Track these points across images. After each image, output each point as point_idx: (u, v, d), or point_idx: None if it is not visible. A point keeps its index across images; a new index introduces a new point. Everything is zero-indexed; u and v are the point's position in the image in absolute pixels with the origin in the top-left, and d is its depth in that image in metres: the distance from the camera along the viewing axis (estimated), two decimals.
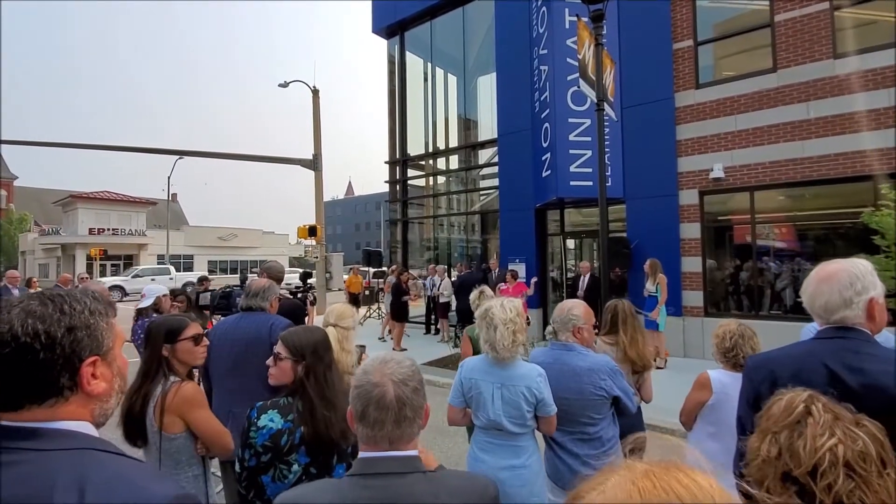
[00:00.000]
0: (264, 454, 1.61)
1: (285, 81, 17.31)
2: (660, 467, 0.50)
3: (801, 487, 0.83)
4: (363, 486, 1.02)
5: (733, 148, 8.23)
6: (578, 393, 2.32)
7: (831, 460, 0.81)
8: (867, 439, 0.83)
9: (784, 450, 0.86)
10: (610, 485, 0.50)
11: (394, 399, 1.06)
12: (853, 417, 0.88)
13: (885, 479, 0.81)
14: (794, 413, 0.89)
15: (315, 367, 1.69)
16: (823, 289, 1.42)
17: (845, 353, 1.35)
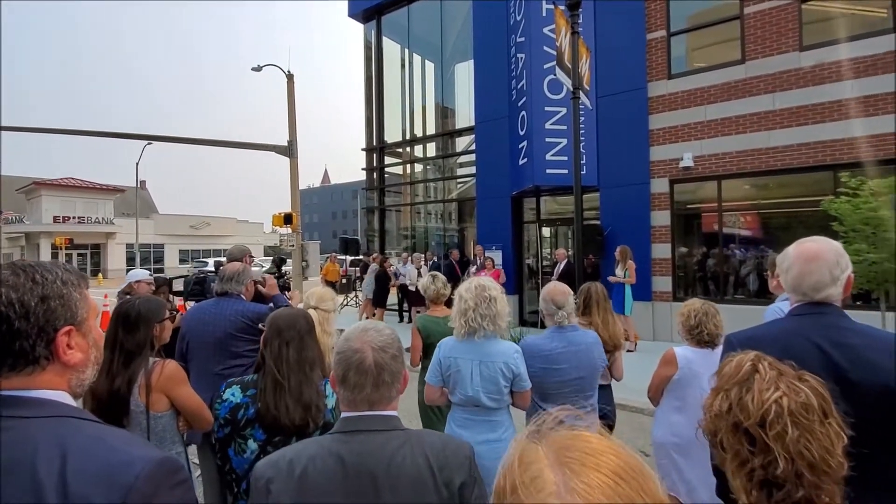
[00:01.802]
0: (225, 426, 1.68)
1: (258, 65, 16.89)
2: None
3: (752, 439, 0.91)
4: (344, 441, 1.09)
5: (703, 137, 8.46)
6: (591, 368, 2.54)
7: (777, 411, 0.89)
8: (809, 392, 0.92)
9: (734, 404, 0.94)
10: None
11: (372, 364, 1.11)
12: (796, 373, 0.97)
13: (827, 428, 0.90)
14: (743, 371, 0.98)
15: (271, 341, 1.72)
16: (812, 268, 1.44)
17: (828, 329, 1.39)
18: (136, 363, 1.94)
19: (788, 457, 0.86)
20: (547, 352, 2.44)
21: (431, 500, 1.04)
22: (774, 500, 0.88)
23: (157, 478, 0.74)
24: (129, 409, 1.90)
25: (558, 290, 2.60)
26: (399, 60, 14.15)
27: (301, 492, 1.03)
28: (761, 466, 0.88)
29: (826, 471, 0.87)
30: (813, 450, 0.86)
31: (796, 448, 0.86)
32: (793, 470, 0.86)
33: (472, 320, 2.15)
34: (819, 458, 0.86)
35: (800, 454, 0.86)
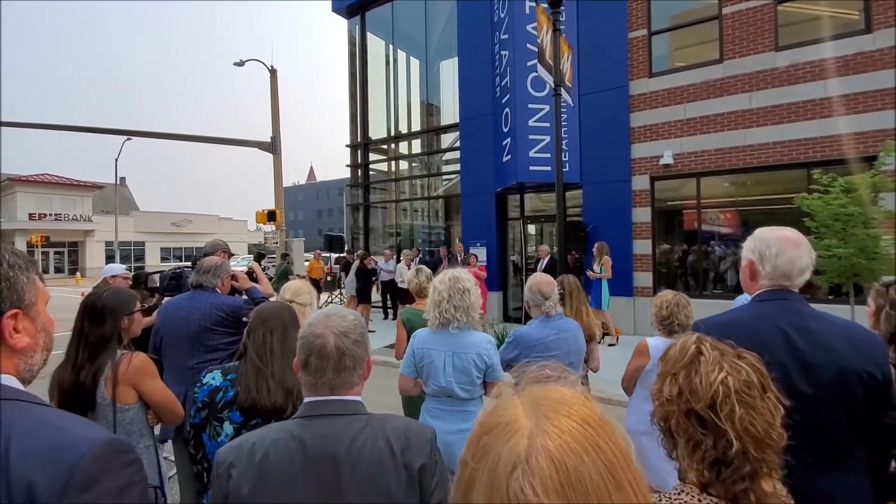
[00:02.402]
0: (202, 409, 1.68)
1: (241, 60, 16.68)
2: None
3: (703, 421, 0.93)
4: (306, 425, 1.09)
5: (682, 135, 8.59)
6: (579, 354, 2.66)
7: (724, 391, 0.92)
8: (749, 369, 0.95)
9: (684, 389, 0.96)
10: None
11: (334, 349, 1.12)
12: (734, 352, 0.99)
13: (767, 402, 0.93)
14: (688, 354, 1.00)
15: (255, 329, 1.72)
16: (798, 253, 1.48)
17: (792, 315, 1.44)
18: (102, 356, 1.91)
19: (738, 435, 0.89)
20: (540, 340, 2.51)
21: (391, 481, 1.05)
22: (722, 477, 0.91)
23: (104, 458, 0.73)
24: (95, 401, 1.88)
25: (544, 280, 2.66)
26: (384, 57, 14.09)
27: (261, 476, 1.03)
28: (713, 447, 0.91)
29: (769, 443, 0.90)
30: (757, 425, 0.89)
31: (743, 425, 0.89)
32: (741, 448, 0.89)
33: (446, 311, 2.17)
34: (763, 433, 0.89)
35: (746, 431, 0.89)
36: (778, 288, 1.49)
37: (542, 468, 0.49)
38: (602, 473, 0.50)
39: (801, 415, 1.38)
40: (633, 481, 0.52)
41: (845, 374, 1.35)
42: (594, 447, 0.52)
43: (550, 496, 0.48)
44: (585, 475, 0.49)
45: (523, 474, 0.50)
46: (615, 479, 0.51)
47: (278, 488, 1.02)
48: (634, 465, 0.54)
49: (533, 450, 0.51)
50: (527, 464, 0.50)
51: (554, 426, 0.53)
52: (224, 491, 1.04)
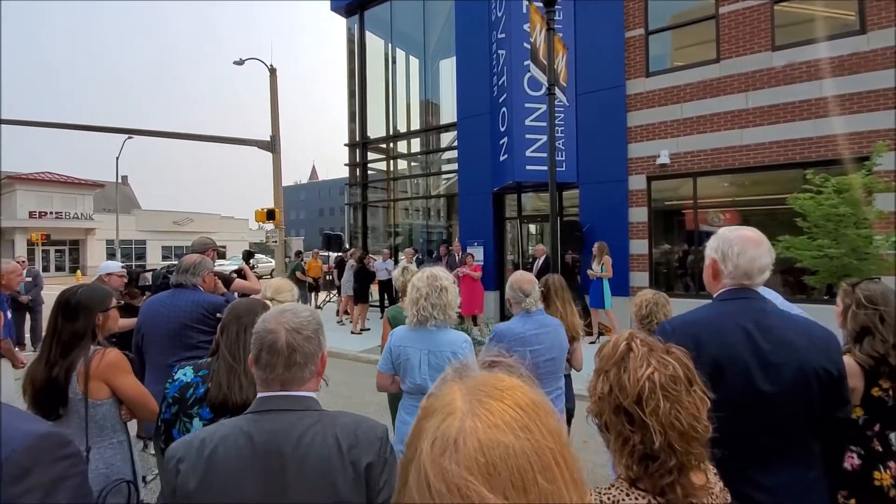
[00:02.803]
0: (173, 405, 1.68)
1: (241, 59, 16.70)
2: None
3: (631, 417, 0.94)
4: (256, 420, 1.09)
5: (679, 135, 8.57)
6: (561, 349, 2.65)
7: (650, 387, 0.93)
8: (675, 364, 0.96)
9: (614, 385, 0.97)
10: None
11: (284, 345, 1.12)
12: (664, 347, 1.00)
13: (693, 396, 0.94)
14: (619, 351, 1.01)
15: (228, 325, 1.73)
16: (759, 252, 1.49)
17: (753, 313, 1.45)
18: (75, 352, 1.92)
19: (662, 430, 0.89)
20: (520, 334, 2.52)
21: (338, 478, 1.05)
22: (650, 471, 0.91)
23: (36, 451, 0.74)
24: (66, 397, 1.89)
25: (525, 278, 2.68)
26: (383, 55, 14.09)
27: (209, 471, 1.03)
28: (640, 442, 0.91)
29: (695, 436, 0.91)
30: (682, 419, 0.90)
31: (668, 420, 0.90)
32: (666, 441, 0.89)
33: (423, 309, 2.18)
34: (688, 426, 0.90)
35: (671, 425, 0.90)
36: (739, 287, 1.50)
37: (469, 449, 0.51)
38: (528, 454, 0.51)
39: (762, 411, 1.39)
40: (562, 462, 0.53)
41: (804, 371, 1.36)
42: (523, 429, 0.53)
43: (475, 475, 0.49)
44: (511, 455, 0.51)
45: (451, 455, 0.51)
46: (542, 459, 0.52)
47: (225, 483, 1.02)
48: (566, 447, 0.56)
49: (462, 431, 0.53)
50: (455, 445, 0.52)
51: (485, 409, 0.55)
52: (172, 486, 1.04)
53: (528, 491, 0.50)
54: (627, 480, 0.95)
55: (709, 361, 1.41)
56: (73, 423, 1.93)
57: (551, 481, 0.51)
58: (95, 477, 1.92)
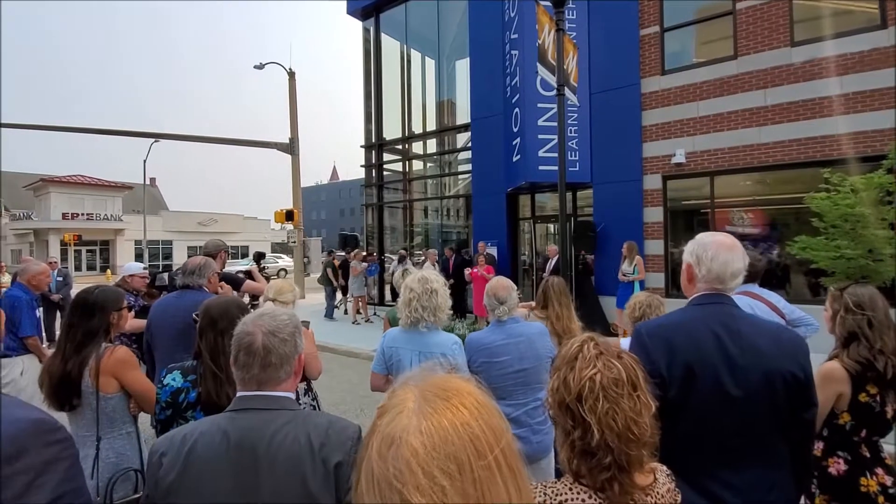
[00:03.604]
0: (167, 409, 1.77)
1: (261, 63, 17.06)
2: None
3: (572, 413, 0.99)
4: (233, 418, 1.16)
5: (695, 134, 8.43)
6: (536, 359, 2.53)
7: (590, 387, 0.97)
8: (622, 368, 0.99)
9: (561, 383, 1.02)
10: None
11: (260, 347, 1.18)
12: (616, 352, 1.04)
13: (635, 400, 0.97)
14: (571, 352, 1.06)
15: (206, 331, 1.81)
16: (732, 257, 1.52)
17: (724, 318, 1.48)
18: (88, 348, 2.04)
19: (599, 428, 0.93)
20: (487, 345, 2.46)
21: (308, 475, 1.10)
22: (588, 466, 0.95)
23: (31, 433, 0.82)
24: (80, 390, 2.01)
25: (500, 285, 2.62)
26: (398, 58, 14.20)
27: (187, 465, 1.10)
28: (579, 438, 0.96)
29: (631, 438, 0.94)
30: (618, 420, 0.94)
31: (605, 419, 0.94)
32: (602, 439, 0.93)
33: (415, 311, 2.23)
34: (623, 427, 0.94)
35: (608, 425, 0.94)
36: (713, 291, 1.52)
37: (412, 443, 0.57)
38: (466, 446, 0.57)
39: (731, 412, 1.42)
40: (499, 454, 0.58)
41: (770, 375, 1.38)
42: (463, 425, 0.59)
43: (414, 468, 0.55)
44: (450, 448, 0.56)
45: (395, 449, 0.57)
46: (478, 451, 0.57)
47: (200, 477, 1.09)
48: (507, 442, 0.61)
49: (409, 427, 0.58)
50: (399, 440, 0.58)
51: (431, 408, 0.60)
52: (155, 478, 1.12)
53: (464, 478, 0.55)
54: (572, 474, 0.99)
55: (681, 364, 1.44)
56: (85, 414, 2.05)
57: (486, 469, 0.57)
58: (105, 465, 2.04)
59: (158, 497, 1.11)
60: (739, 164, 8.02)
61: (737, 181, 8.40)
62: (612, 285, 8.59)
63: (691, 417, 1.43)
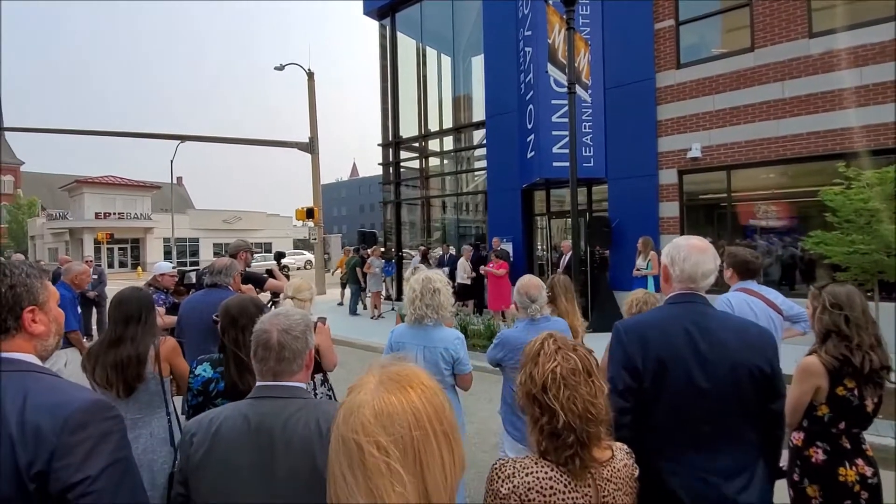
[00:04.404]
0: (198, 396, 1.99)
1: (281, 64, 17.42)
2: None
3: (538, 402, 1.14)
4: (253, 405, 1.34)
5: (711, 127, 8.37)
6: None
7: (552, 378, 1.12)
8: (577, 359, 1.15)
9: (527, 377, 1.18)
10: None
11: (276, 343, 1.36)
12: (572, 345, 1.19)
13: (591, 385, 1.12)
14: (533, 349, 1.21)
15: (227, 329, 2.01)
16: (703, 258, 1.62)
17: (695, 316, 1.59)
18: (148, 339, 2.30)
19: (563, 412, 1.09)
20: (524, 342, 2.59)
21: (317, 454, 1.25)
22: (554, 445, 1.11)
23: (90, 411, 1.02)
24: (143, 375, 2.25)
25: (532, 283, 2.72)
26: (414, 56, 14.36)
27: (213, 444, 1.28)
28: (547, 423, 1.11)
29: (590, 418, 1.09)
30: (578, 403, 1.09)
31: (567, 404, 1.09)
32: (566, 421, 1.08)
33: (419, 308, 2.40)
34: (582, 409, 1.09)
35: (570, 409, 1.09)
36: (686, 291, 1.64)
37: (365, 414, 0.74)
38: (409, 418, 0.74)
39: (700, 403, 1.55)
40: (437, 425, 0.75)
41: (737, 368, 1.50)
42: (408, 401, 0.76)
43: (368, 433, 0.72)
44: (395, 419, 0.74)
45: (355, 416, 0.75)
46: (419, 422, 0.74)
47: (225, 455, 1.27)
48: (447, 417, 0.78)
49: (364, 402, 0.76)
50: (358, 411, 0.75)
51: (385, 388, 0.77)
52: (186, 454, 1.31)
53: (406, 444, 0.72)
54: (538, 453, 1.15)
55: (654, 359, 1.57)
56: (140, 398, 2.28)
57: (424, 434, 0.74)
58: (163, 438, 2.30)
59: (189, 471, 1.29)
60: (757, 158, 7.94)
61: (754, 175, 8.31)
62: (628, 280, 8.60)
63: (664, 407, 1.56)
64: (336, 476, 0.75)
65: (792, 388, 1.98)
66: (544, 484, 1.10)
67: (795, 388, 1.95)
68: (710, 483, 1.50)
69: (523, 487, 1.09)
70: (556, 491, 1.09)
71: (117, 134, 19.44)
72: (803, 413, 1.97)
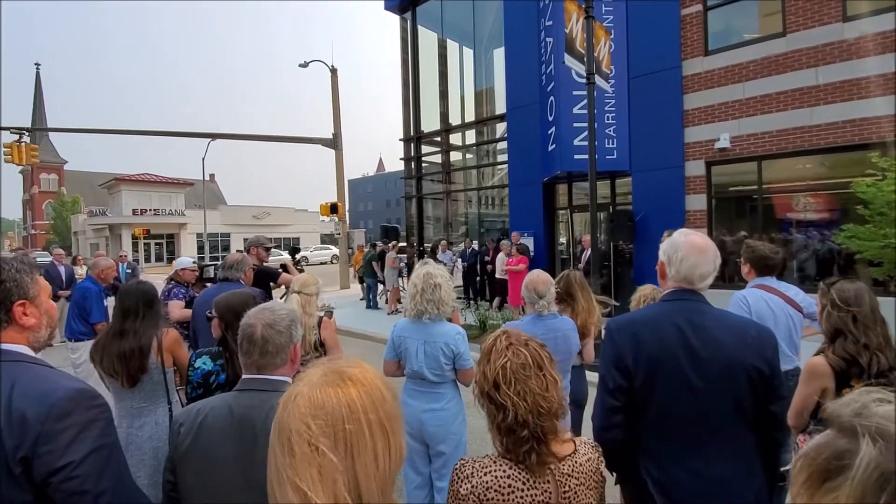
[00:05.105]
0: (198, 388, 2.04)
1: (305, 61, 17.64)
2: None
3: (491, 398, 1.14)
4: (237, 397, 1.38)
5: (741, 116, 8.06)
6: (567, 353, 2.67)
7: (503, 374, 1.12)
8: (528, 353, 1.13)
9: (481, 374, 1.18)
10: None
11: (260, 337, 1.39)
12: (524, 340, 1.17)
13: (542, 379, 1.11)
14: (487, 346, 1.21)
15: (232, 324, 2.05)
16: (702, 259, 1.56)
17: (689, 314, 1.54)
18: (151, 330, 2.39)
19: (513, 407, 1.08)
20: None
21: None
22: (511, 441, 1.10)
23: (75, 399, 1.07)
24: (147, 366, 2.34)
25: (540, 279, 2.69)
26: (436, 50, 14.31)
27: (198, 434, 1.32)
28: (501, 420, 1.11)
29: (541, 411, 1.08)
30: (528, 398, 1.08)
31: (517, 399, 1.08)
32: (517, 416, 1.07)
33: (419, 304, 2.41)
34: (532, 403, 1.07)
35: (520, 404, 1.07)
36: (680, 289, 1.58)
37: (299, 404, 0.77)
38: (342, 408, 0.75)
39: (693, 402, 1.51)
40: (372, 417, 0.76)
41: (732, 367, 1.44)
42: (345, 394, 0.77)
43: (301, 420, 0.74)
44: (328, 409, 0.75)
45: (292, 404, 0.77)
46: (352, 413, 0.75)
47: (209, 442, 1.31)
48: (386, 408, 0.78)
49: (301, 392, 0.78)
50: (295, 399, 0.78)
51: (324, 380, 0.80)
52: (175, 443, 1.35)
53: (337, 433, 0.74)
54: (500, 452, 1.14)
55: (646, 357, 1.53)
56: (145, 388, 2.38)
57: (357, 426, 0.75)
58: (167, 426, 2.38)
59: (177, 460, 1.34)
60: (789, 148, 7.61)
61: (787, 166, 7.97)
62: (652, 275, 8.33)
63: (656, 406, 1.52)
64: (270, 464, 0.77)
65: (798, 389, 1.90)
66: (502, 482, 1.09)
67: (801, 389, 1.88)
68: (703, 484, 1.46)
69: (482, 487, 1.09)
70: (514, 489, 1.09)
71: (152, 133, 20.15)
72: (810, 415, 1.89)
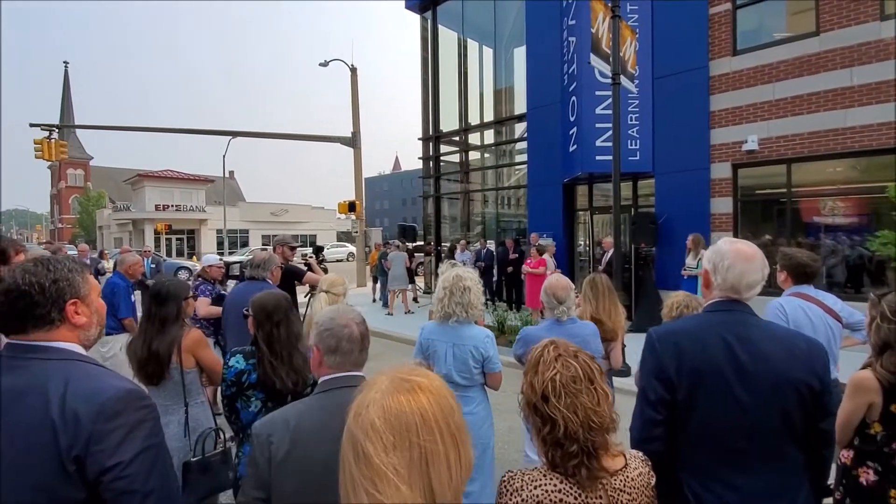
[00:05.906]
0: (232, 386, 2.06)
1: (325, 60, 17.77)
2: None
3: (539, 411, 1.11)
4: (321, 398, 1.36)
5: (770, 118, 7.87)
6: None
7: (552, 386, 1.09)
8: (578, 366, 1.10)
9: (528, 386, 1.15)
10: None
11: (359, 334, 1.40)
12: (573, 351, 1.14)
13: (593, 393, 1.08)
14: (534, 357, 1.17)
15: (263, 323, 2.06)
16: (749, 268, 1.51)
17: (736, 326, 1.49)
18: (171, 331, 2.39)
19: (563, 421, 1.05)
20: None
21: None
22: (560, 455, 1.07)
23: (125, 399, 1.09)
24: (168, 366, 2.36)
25: (560, 285, 2.65)
26: (456, 49, 14.27)
27: (295, 439, 1.28)
28: (548, 432, 1.08)
29: (593, 426, 1.05)
30: (579, 412, 1.05)
31: (568, 413, 1.05)
32: (567, 431, 1.05)
33: (447, 306, 2.40)
34: (584, 418, 1.05)
35: (571, 418, 1.05)
36: (726, 299, 1.53)
37: (370, 413, 0.76)
38: (416, 418, 0.75)
39: (738, 417, 1.46)
40: (444, 427, 0.76)
41: (780, 382, 1.39)
42: (416, 402, 0.77)
43: (374, 431, 0.74)
44: (403, 417, 0.75)
45: (361, 417, 0.77)
46: (425, 422, 0.75)
47: (309, 445, 1.27)
48: (455, 419, 0.78)
49: (373, 401, 0.78)
50: (365, 410, 0.77)
51: (395, 388, 0.79)
52: (266, 456, 1.29)
53: (411, 443, 0.73)
54: (547, 465, 1.12)
55: (689, 369, 1.48)
56: (168, 387, 2.41)
57: (430, 435, 0.74)
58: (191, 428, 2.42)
59: (274, 468, 1.28)
60: (821, 151, 7.40)
61: (819, 169, 7.76)
62: (675, 280, 8.26)
63: (699, 419, 1.47)
64: (343, 470, 0.77)
65: (843, 404, 1.83)
66: (553, 497, 1.06)
67: (847, 403, 1.81)
68: (748, 501, 1.42)
69: (532, 501, 1.06)
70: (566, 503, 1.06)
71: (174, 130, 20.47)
72: (854, 431, 1.83)
